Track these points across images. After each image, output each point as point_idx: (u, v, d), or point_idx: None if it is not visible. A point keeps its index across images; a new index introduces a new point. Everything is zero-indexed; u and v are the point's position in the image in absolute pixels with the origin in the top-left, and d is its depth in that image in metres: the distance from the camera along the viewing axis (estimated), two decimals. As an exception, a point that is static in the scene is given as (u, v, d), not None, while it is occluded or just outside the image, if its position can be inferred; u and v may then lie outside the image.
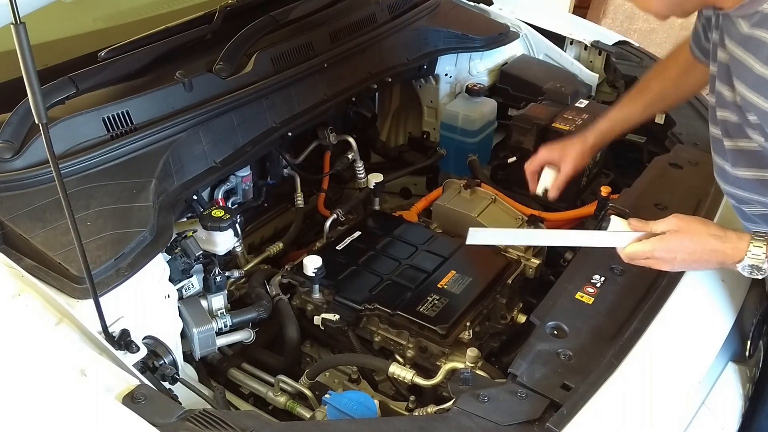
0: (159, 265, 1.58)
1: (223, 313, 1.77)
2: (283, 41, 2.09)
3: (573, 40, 2.82)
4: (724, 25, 1.38)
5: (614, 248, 1.51)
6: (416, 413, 1.55)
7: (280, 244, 2.12)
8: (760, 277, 1.37)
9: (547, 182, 1.92)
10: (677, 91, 1.84)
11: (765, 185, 1.42)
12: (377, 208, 2.34)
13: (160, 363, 1.48)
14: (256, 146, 1.92)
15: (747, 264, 1.35)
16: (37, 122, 1.20)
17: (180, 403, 1.34)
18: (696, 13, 1.59)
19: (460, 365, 1.58)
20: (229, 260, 2.01)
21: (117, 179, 1.61)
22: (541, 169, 1.94)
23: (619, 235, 1.51)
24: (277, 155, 2.19)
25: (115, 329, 1.40)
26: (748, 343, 1.68)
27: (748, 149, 1.40)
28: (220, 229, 1.70)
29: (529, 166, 1.95)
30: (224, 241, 1.73)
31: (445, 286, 1.83)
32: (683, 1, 1.37)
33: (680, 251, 1.41)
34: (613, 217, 1.57)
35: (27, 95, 1.17)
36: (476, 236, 1.60)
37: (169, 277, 1.65)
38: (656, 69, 1.87)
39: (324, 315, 1.78)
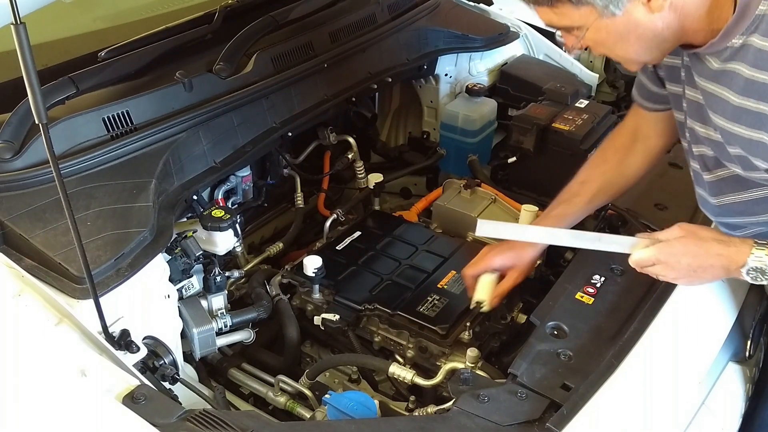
0: (159, 265, 1.58)
1: (223, 313, 1.77)
2: (283, 41, 2.09)
3: (573, 40, 2.81)
4: (691, 64, 1.41)
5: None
6: (416, 413, 1.55)
7: (280, 244, 2.12)
8: (764, 282, 1.37)
9: (485, 293, 1.71)
10: (620, 178, 1.77)
11: (751, 204, 1.45)
12: (377, 208, 2.34)
13: (160, 363, 1.48)
14: (256, 146, 1.92)
15: (750, 267, 1.35)
16: (37, 122, 1.20)
17: (180, 403, 1.34)
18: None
19: (460, 365, 1.58)
20: (229, 260, 2.01)
21: (117, 179, 1.61)
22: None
23: (625, 240, 1.52)
24: (277, 155, 2.18)
25: (115, 329, 1.40)
26: (748, 343, 1.69)
27: (728, 176, 1.44)
28: (220, 229, 1.70)
29: (472, 271, 1.76)
30: (224, 241, 1.73)
31: (445, 286, 1.83)
32: (660, 43, 1.38)
33: (685, 255, 1.42)
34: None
35: (27, 95, 1.17)
36: (485, 228, 1.62)
37: (169, 277, 1.65)
38: (594, 160, 1.82)
39: (324, 315, 1.78)
